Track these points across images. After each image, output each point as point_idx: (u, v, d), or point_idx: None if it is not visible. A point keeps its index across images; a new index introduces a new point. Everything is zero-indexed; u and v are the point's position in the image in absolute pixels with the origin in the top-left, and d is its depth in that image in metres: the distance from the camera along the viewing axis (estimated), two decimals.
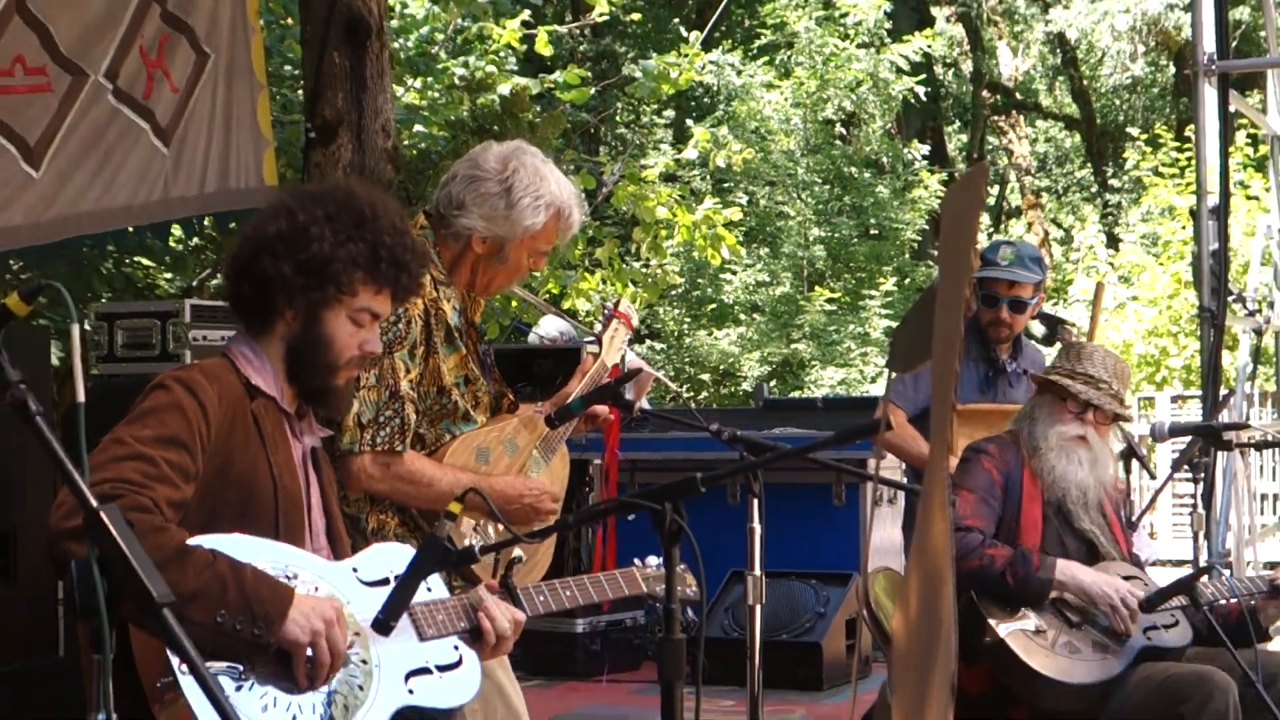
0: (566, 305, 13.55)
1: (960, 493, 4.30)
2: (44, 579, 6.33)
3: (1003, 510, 4.38)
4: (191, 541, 2.77)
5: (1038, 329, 6.49)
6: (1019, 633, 4.14)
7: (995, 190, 25.92)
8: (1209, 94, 8.14)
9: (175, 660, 2.64)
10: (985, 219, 21.51)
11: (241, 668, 2.77)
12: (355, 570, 3.04)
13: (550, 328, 9.62)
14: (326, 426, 3.30)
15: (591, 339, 4.17)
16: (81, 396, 2.15)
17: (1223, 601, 4.42)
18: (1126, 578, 4.36)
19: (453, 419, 3.67)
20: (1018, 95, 26.00)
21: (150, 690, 2.69)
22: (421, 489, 3.55)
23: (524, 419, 3.83)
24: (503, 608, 3.12)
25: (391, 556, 3.07)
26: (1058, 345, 6.27)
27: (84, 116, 7.60)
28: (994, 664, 4.14)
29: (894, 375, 4.31)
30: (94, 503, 2.01)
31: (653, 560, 3.23)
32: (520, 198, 3.68)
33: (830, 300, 19.51)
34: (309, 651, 2.77)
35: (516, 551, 3.34)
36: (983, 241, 7.56)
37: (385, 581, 3.00)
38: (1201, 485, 7.02)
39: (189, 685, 2.64)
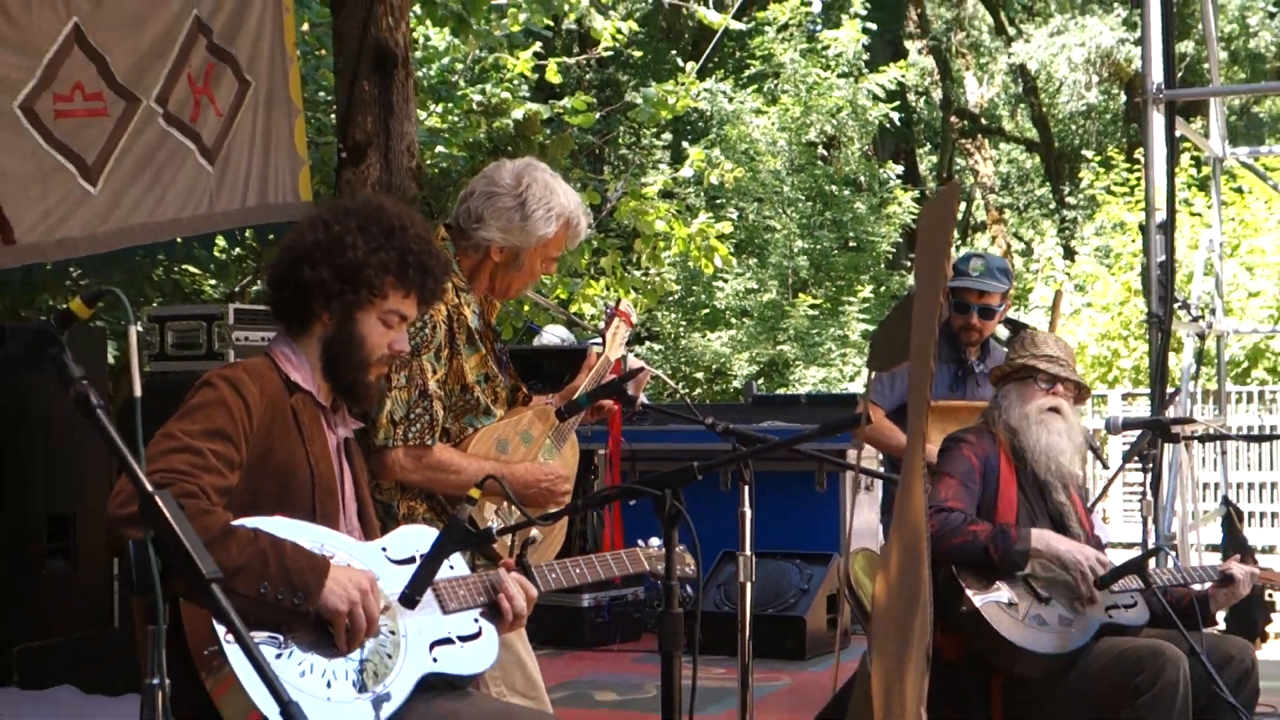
0: (574, 309, 13.55)
1: (943, 478, 4.29)
2: (101, 559, 6.33)
3: (982, 492, 4.38)
4: (235, 523, 2.78)
5: (1003, 333, 6.48)
6: (993, 604, 4.13)
7: (962, 207, 25.94)
8: (1157, 120, 8.14)
9: (221, 630, 2.64)
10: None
11: (281, 637, 2.77)
12: (384, 550, 3.04)
13: (552, 336, 9.64)
14: (359, 420, 3.31)
15: (596, 340, 4.17)
16: (139, 392, 2.15)
17: (1176, 586, 4.42)
18: None
19: (475, 413, 3.67)
20: (983, 120, 26.02)
21: (198, 658, 2.69)
22: (450, 477, 3.55)
23: (537, 411, 3.83)
24: (519, 585, 3.12)
25: (417, 537, 3.07)
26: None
27: (137, 138, 7.60)
28: (969, 631, 4.12)
29: (872, 375, 4.32)
30: (149, 489, 2.01)
31: (655, 541, 3.23)
32: (533, 210, 3.68)
33: (813, 306, 19.52)
34: (347, 619, 2.78)
35: (534, 532, 3.35)
36: (953, 254, 7.57)
37: (411, 560, 2.99)
38: (1150, 474, 7.02)
39: (234, 654, 2.64)
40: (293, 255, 3.09)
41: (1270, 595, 4.82)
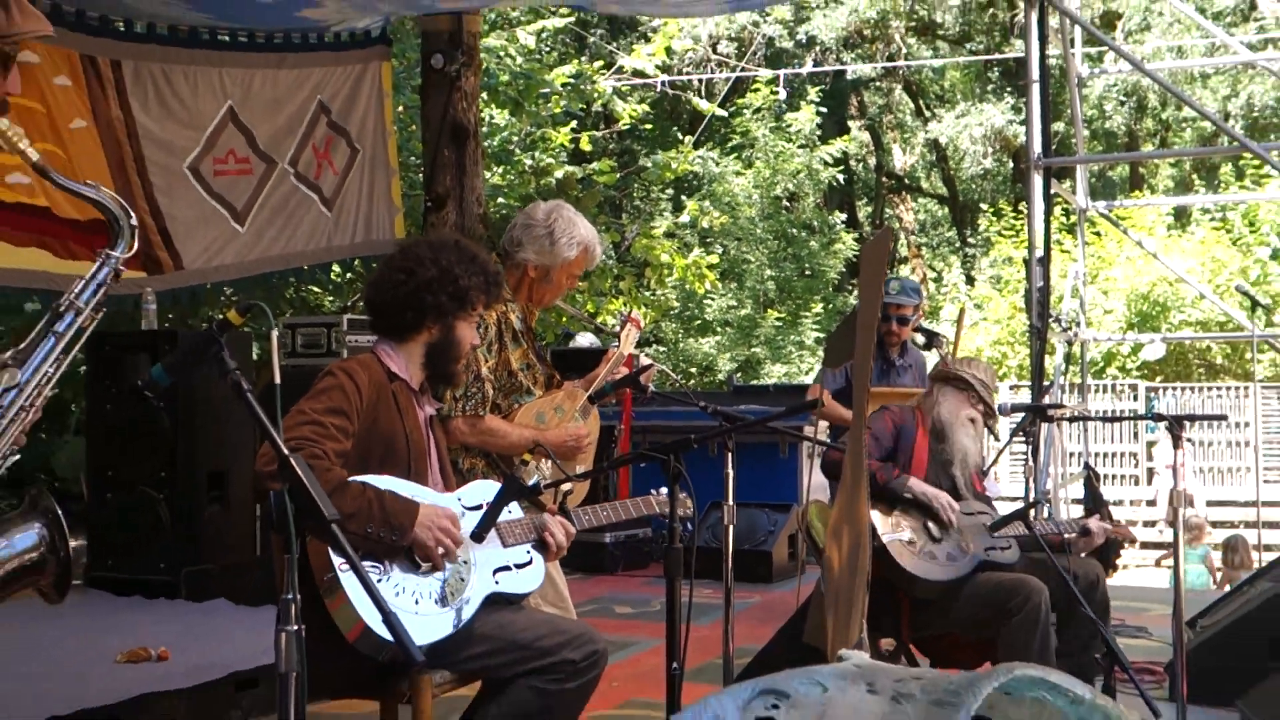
0: (599, 318, 13.56)
1: (866, 431, 4.27)
2: (247, 503, 6.35)
3: (895, 448, 4.36)
4: (350, 479, 2.79)
5: (920, 339, 6.48)
6: (896, 541, 4.12)
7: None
8: (1037, 181, 8.13)
9: (337, 561, 2.65)
10: None
11: (382, 565, 2.79)
12: (460, 499, 3.04)
13: (582, 340, 9.69)
14: (438, 401, 3.32)
15: (614, 341, 4.15)
16: (278, 380, 2.16)
17: (1051, 534, 4.42)
18: (979, 511, 4.34)
19: (519, 393, 3.66)
20: (906, 180, 25.97)
21: (319, 583, 2.71)
22: (498, 440, 3.54)
23: (567, 392, 3.81)
24: (561, 525, 3.13)
25: (485, 489, 3.08)
26: (934, 350, 6.27)
27: (274, 191, 7.64)
28: (878, 560, 4.05)
29: (823, 369, 4.30)
30: (285, 452, 2.02)
31: (663, 490, 3.23)
32: (560, 238, 3.68)
33: (778, 319, 19.52)
34: (436, 547, 2.80)
35: (566, 487, 3.35)
36: None
37: (480, 507, 3.00)
38: (1030, 446, 7.02)
39: (346, 579, 2.66)
40: (410, 287, 3.06)
41: (1119, 539, 4.79)
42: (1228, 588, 7.13)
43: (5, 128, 1.79)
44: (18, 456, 1.83)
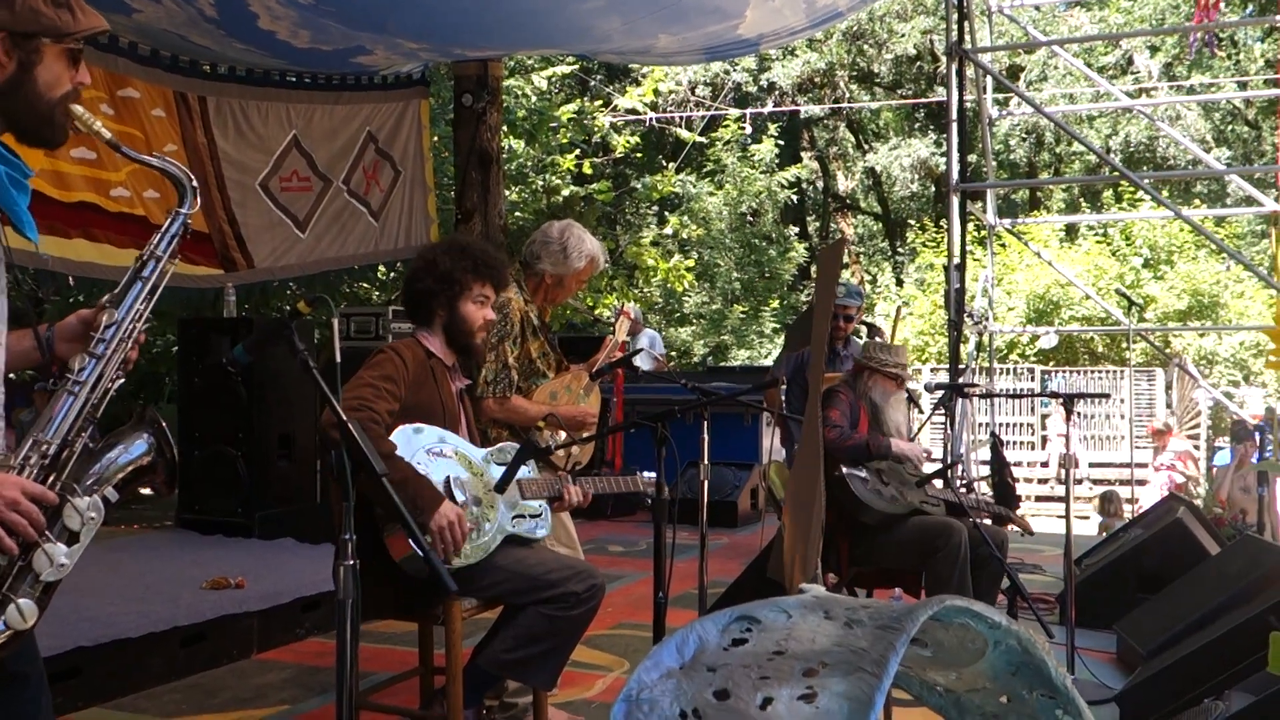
0: (597, 311, 13.53)
1: (832, 409, 4.22)
2: (310, 458, 6.34)
3: (855, 419, 4.36)
4: (397, 433, 2.78)
5: (864, 330, 6.47)
6: (854, 476, 4.12)
7: (844, 252, 25.79)
8: (955, 202, 8.11)
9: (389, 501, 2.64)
10: None
11: None
12: (488, 456, 3.02)
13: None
14: (468, 379, 3.29)
15: (609, 331, 4.11)
16: (338, 359, 2.14)
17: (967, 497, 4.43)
18: (910, 473, 4.33)
19: (537, 376, 3.64)
20: (848, 201, 25.91)
21: (378, 518, 2.71)
22: (521, 415, 3.51)
23: (574, 373, 3.79)
24: (576, 492, 3.12)
25: (508, 450, 3.05)
26: (874, 339, 6.26)
27: (330, 205, 7.60)
28: (836, 490, 4.06)
29: (781, 355, 4.28)
30: (344, 417, 1.99)
31: (647, 474, 3.20)
32: (570, 252, 3.64)
33: (742, 313, 19.48)
34: (440, 540, 2.75)
35: (575, 451, 3.33)
36: None
37: (504, 463, 2.98)
38: (948, 417, 7.03)
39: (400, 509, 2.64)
40: (411, 283, 3.09)
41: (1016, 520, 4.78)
42: (1105, 534, 7.14)
43: (81, 113, 1.76)
44: (123, 380, 1.82)
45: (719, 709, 1.24)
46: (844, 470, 4.07)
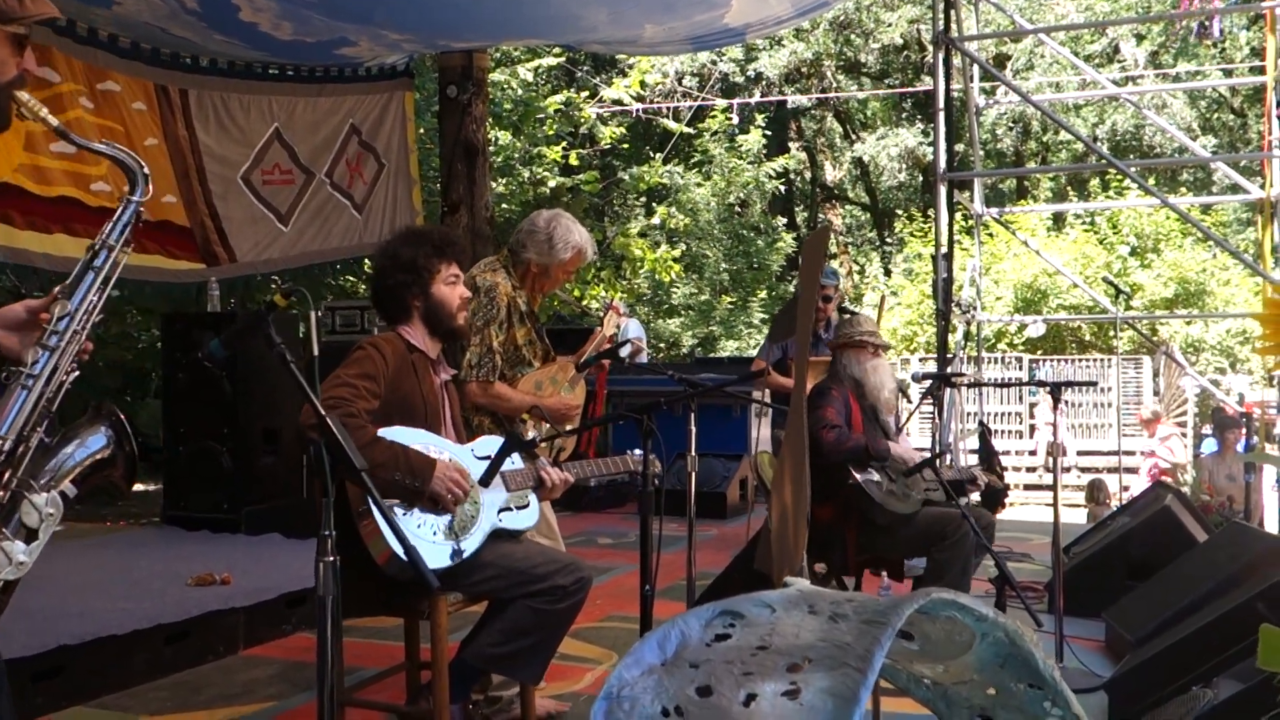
0: (585, 302, 13.50)
1: (825, 408, 4.19)
2: (294, 453, 6.30)
3: (848, 419, 4.34)
4: (379, 433, 2.74)
5: (847, 318, 6.47)
6: (869, 481, 4.10)
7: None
8: (942, 191, 8.11)
9: (369, 499, 2.61)
10: None
11: (405, 505, 2.75)
12: (472, 450, 3.00)
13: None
14: (453, 369, 3.25)
15: (597, 324, 4.09)
16: (317, 353, 2.11)
17: (954, 480, 4.42)
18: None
19: (522, 365, 3.61)
20: (835, 191, 25.90)
21: (355, 514, 2.67)
22: (504, 403, 3.49)
23: (560, 365, 3.77)
24: (555, 474, 3.08)
25: (492, 443, 3.02)
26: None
27: (313, 198, 7.54)
28: (854, 496, 4.07)
29: (764, 344, 4.25)
30: (323, 412, 1.97)
31: (636, 452, 3.18)
32: (557, 242, 3.61)
33: (730, 303, 19.46)
34: (448, 495, 2.75)
35: (560, 443, 3.31)
36: None
37: (488, 457, 2.95)
38: (936, 406, 7.02)
39: (377, 514, 2.61)
40: (377, 282, 3.06)
41: (1002, 489, 4.79)
42: (1093, 522, 7.16)
43: (27, 99, 1.72)
44: (78, 373, 1.78)
45: (701, 706, 1.22)
46: (859, 478, 4.07)
